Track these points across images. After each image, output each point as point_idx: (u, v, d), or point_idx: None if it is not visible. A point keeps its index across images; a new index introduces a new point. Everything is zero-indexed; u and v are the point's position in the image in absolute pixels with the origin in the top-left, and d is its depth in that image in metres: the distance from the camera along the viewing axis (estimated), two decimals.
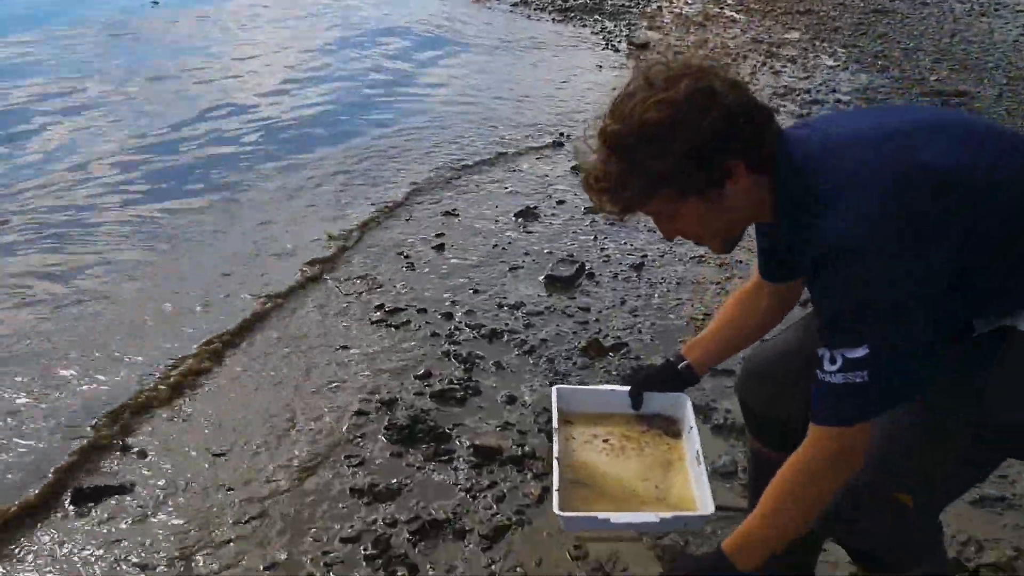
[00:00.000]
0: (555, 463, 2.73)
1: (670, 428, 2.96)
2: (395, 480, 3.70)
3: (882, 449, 2.04)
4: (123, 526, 3.47)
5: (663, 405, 2.98)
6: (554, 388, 3.04)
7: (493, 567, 3.20)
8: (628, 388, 2.95)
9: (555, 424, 2.89)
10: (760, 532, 2.11)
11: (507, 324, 5.07)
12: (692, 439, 2.81)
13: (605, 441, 2.94)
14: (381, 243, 6.32)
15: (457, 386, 4.38)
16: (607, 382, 4.40)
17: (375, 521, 3.46)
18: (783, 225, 2.11)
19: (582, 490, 2.74)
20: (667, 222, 2.12)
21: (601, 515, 2.55)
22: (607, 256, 6.01)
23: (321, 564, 3.25)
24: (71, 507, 3.55)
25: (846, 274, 1.86)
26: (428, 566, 3.23)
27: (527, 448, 3.84)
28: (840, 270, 1.87)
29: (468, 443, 3.92)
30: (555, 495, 2.59)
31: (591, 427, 2.99)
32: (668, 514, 2.55)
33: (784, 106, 8.92)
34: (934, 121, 2.10)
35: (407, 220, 6.75)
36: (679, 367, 2.80)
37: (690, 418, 2.87)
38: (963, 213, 1.86)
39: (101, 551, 3.34)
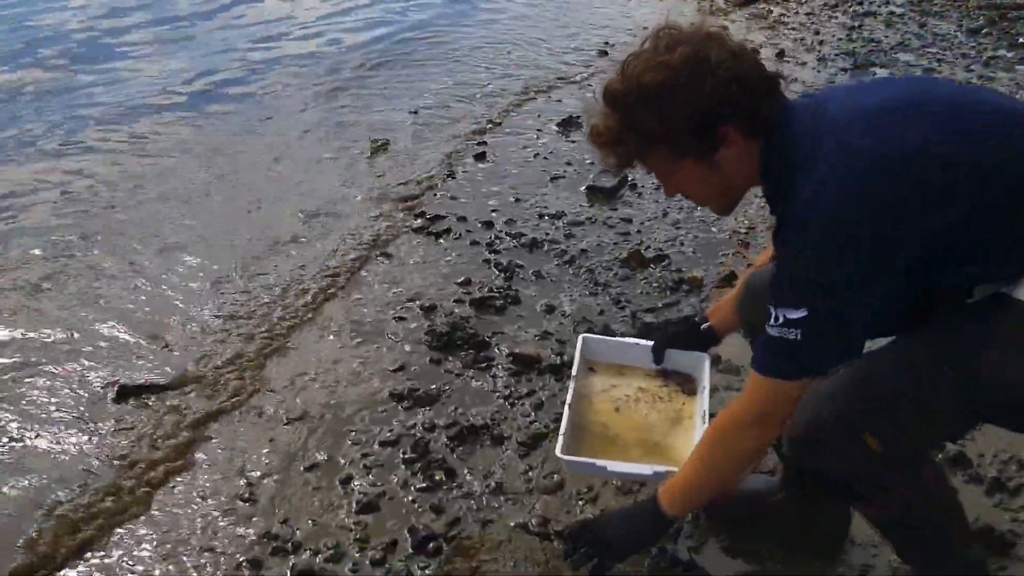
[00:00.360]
0: (566, 408, 2.82)
1: (687, 386, 3.04)
2: (434, 386, 3.71)
3: (859, 389, 2.11)
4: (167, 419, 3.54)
5: (683, 363, 3.07)
6: (581, 336, 3.15)
7: (530, 474, 3.22)
8: (651, 343, 3.05)
9: (574, 371, 3.00)
10: (691, 480, 2.31)
11: (547, 234, 5.04)
12: (703, 399, 2.88)
13: (620, 392, 3.03)
14: (422, 150, 6.28)
15: (497, 294, 4.38)
16: (647, 294, 4.38)
17: (414, 426, 3.48)
18: (766, 190, 2.16)
19: (588, 436, 2.84)
20: (666, 179, 2.21)
21: (599, 462, 2.62)
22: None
23: (360, 466, 3.28)
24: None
25: (805, 241, 1.93)
26: (465, 471, 3.25)
27: (566, 357, 3.82)
28: (801, 236, 1.95)
29: (507, 351, 3.93)
30: (560, 438, 2.69)
31: (611, 377, 3.09)
32: (662, 468, 2.60)
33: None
34: (939, 98, 2.09)
35: (449, 126, 6.69)
36: (701, 328, 2.92)
37: (706, 378, 2.95)
38: (936, 198, 1.89)
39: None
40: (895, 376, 2.11)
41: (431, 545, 2.89)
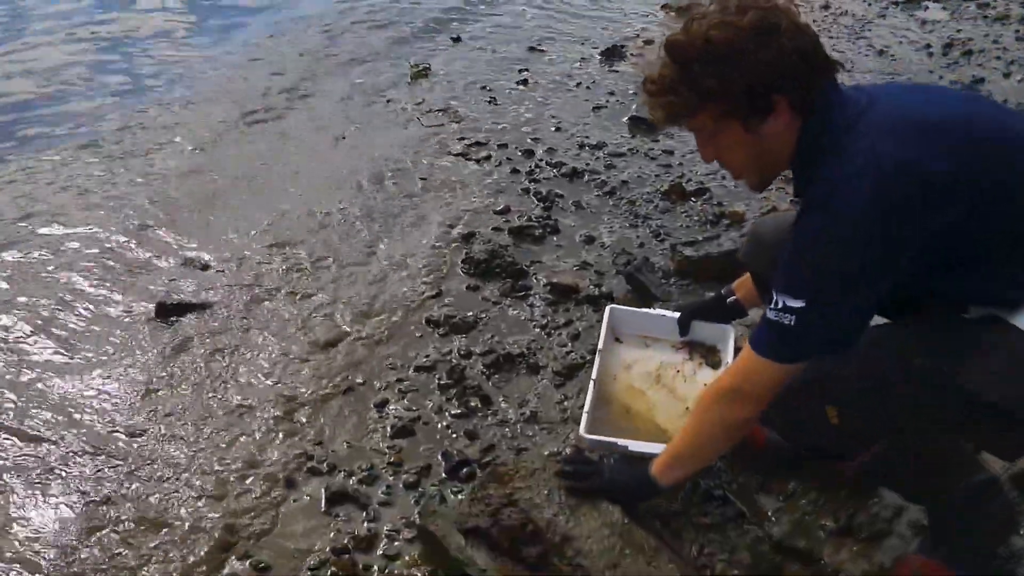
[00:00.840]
0: (591, 384, 2.87)
1: (711, 358, 3.09)
2: (471, 313, 3.71)
3: (835, 363, 2.12)
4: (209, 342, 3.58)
5: (708, 334, 3.13)
6: (608, 308, 3.21)
7: (565, 403, 3.22)
8: (678, 315, 3.12)
9: (600, 343, 3.06)
10: (678, 450, 2.37)
11: (588, 164, 4.99)
12: None
13: (645, 367, 3.09)
14: (463, 76, 6.23)
15: (536, 223, 4.35)
16: (687, 227, 4.34)
17: (450, 352, 3.49)
18: (795, 171, 2.16)
19: (611, 413, 2.90)
20: (707, 142, 2.20)
21: (621, 442, 2.63)
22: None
23: (396, 391, 3.30)
24: None
25: (815, 230, 1.99)
26: (500, 398, 3.26)
27: (604, 288, 3.81)
28: (812, 224, 2.00)
29: (545, 280, 3.91)
30: (584, 416, 2.73)
31: (636, 349, 3.16)
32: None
33: None
34: (985, 123, 2.07)
35: (492, 52, 6.62)
36: (728, 300, 2.98)
37: (730, 350, 2.99)
38: (954, 213, 1.91)
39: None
40: (873, 359, 2.13)
41: (464, 471, 2.91)
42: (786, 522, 2.69)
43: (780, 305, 2.02)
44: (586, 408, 2.78)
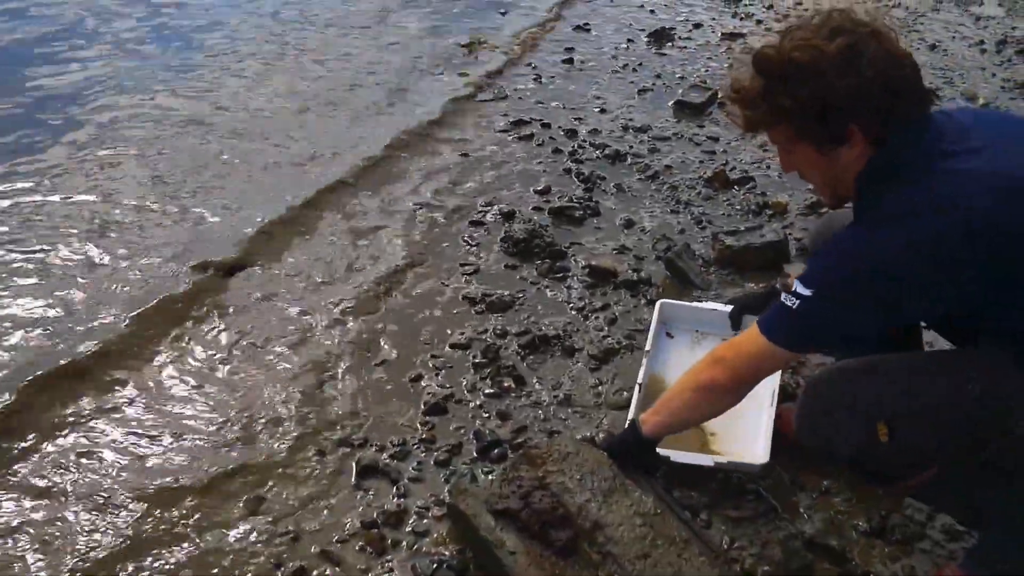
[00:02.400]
0: (636, 388, 2.91)
1: None
2: (508, 293, 3.70)
3: (895, 377, 2.13)
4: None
5: None
6: (659, 302, 3.25)
7: (599, 388, 3.20)
8: (729, 309, 3.08)
9: (649, 343, 3.11)
10: (663, 399, 2.43)
11: (631, 147, 4.96)
12: (774, 376, 2.86)
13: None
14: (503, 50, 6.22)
15: (576, 205, 4.33)
16: (728, 215, 4.30)
17: (486, 331, 3.48)
18: (855, 195, 2.13)
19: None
20: (785, 154, 2.22)
21: (664, 451, 2.62)
22: (736, 69, 5.77)
23: (430, 366, 3.29)
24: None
25: (858, 239, 2.01)
26: (535, 380, 3.25)
27: (643, 274, 3.79)
28: (859, 233, 2.02)
29: (583, 263, 3.89)
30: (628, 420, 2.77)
31: (685, 348, 3.21)
32: (723, 459, 2.73)
33: None
34: None
35: (539, 30, 6.58)
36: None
37: None
38: (1003, 271, 1.89)
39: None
40: (928, 378, 2.12)
41: (496, 451, 2.91)
42: (818, 519, 2.67)
43: (793, 289, 2.06)
44: (630, 414, 2.82)
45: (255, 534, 2.64)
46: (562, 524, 2.29)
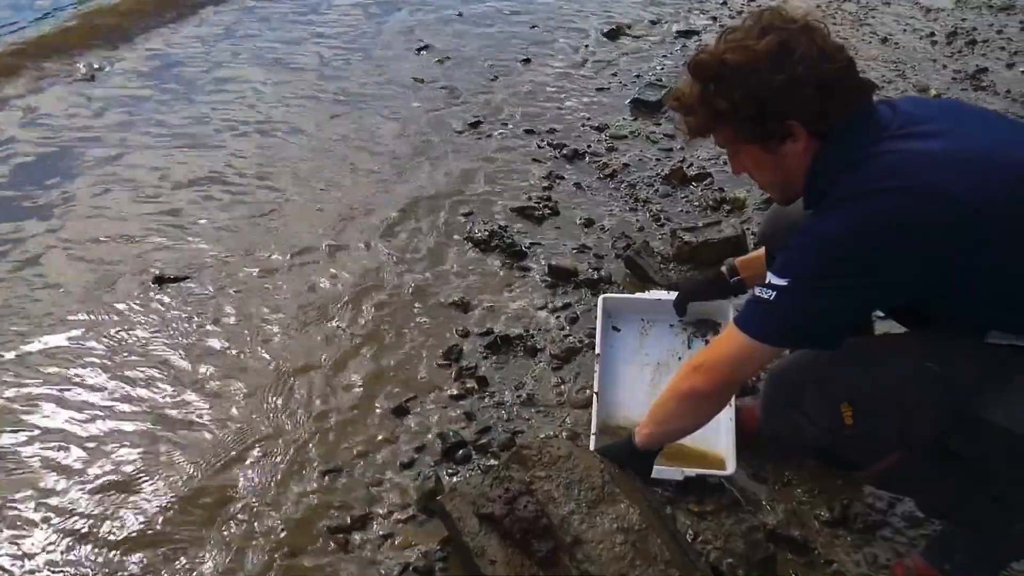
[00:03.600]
0: (595, 399, 2.91)
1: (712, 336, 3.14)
2: (470, 293, 3.71)
3: (853, 360, 2.12)
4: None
5: (706, 310, 3.17)
6: (600, 298, 3.24)
7: (562, 387, 3.22)
8: (674, 297, 3.14)
9: (598, 346, 3.10)
10: (651, 410, 2.40)
11: (589, 145, 4.97)
12: None
13: (648, 373, 3.12)
14: (463, 53, 6.20)
15: (536, 204, 4.34)
16: (687, 212, 4.33)
17: (448, 332, 3.49)
18: (807, 188, 2.15)
19: (619, 430, 2.90)
20: (732, 157, 2.25)
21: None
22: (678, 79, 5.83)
23: (393, 370, 3.31)
24: None
25: (828, 225, 1.98)
26: (498, 380, 3.26)
27: (603, 272, 3.81)
28: (828, 220, 1.99)
29: (544, 262, 3.90)
30: (592, 439, 2.81)
31: (633, 340, 3.22)
32: (692, 471, 2.74)
33: None
34: (995, 146, 2.04)
35: (495, 30, 6.59)
36: (732, 280, 2.97)
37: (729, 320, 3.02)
38: (966, 252, 1.91)
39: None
40: (892, 356, 2.14)
41: (460, 452, 2.92)
42: (781, 511, 2.71)
43: (767, 282, 2.05)
44: (592, 430, 2.83)
45: (223, 533, 2.66)
46: (544, 534, 2.25)
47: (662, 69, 6.01)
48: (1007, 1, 7.43)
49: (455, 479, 2.80)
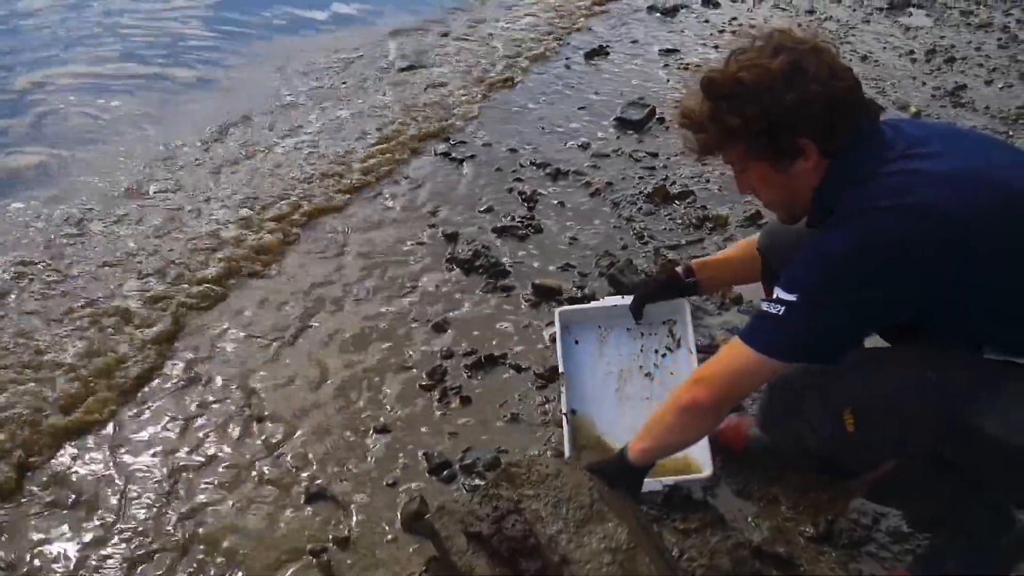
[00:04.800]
0: (564, 420, 2.88)
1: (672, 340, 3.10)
2: (453, 312, 3.71)
3: (854, 370, 2.12)
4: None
5: (662, 311, 3.10)
6: (556, 312, 3.16)
7: (546, 406, 3.21)
8: (630, 302, 3.05)
9: (560, 364, 3.02)
10: (647, 424, 2.38)
11: (573, 164, 4.99)
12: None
13: (612, 385, 3.06)
14: (449, 68, 6.23)
15: (519, 224, 4.35)
16: (670, 230, 4.34)
17: (432, 352, 3.49)
18: (814, 206, 2.16)
19: (595, 446, 2.89)
20: (740, 175, 2.26)
21: None
22: (684, 96, 5.83)
23: (376, 390, 3.30)
24: None
25: (834, 241, 1.99)
26: (483, 400, 3.26)
27: (587, 290, 3.81)
28: (834, 236, 2.00)
29: (527, 281, 3.91)
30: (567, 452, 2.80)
31: (593, 349, 3.14)
32: (670, 480, 2.74)
33: None
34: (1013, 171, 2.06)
35: (479, 46, 6.62)
36: (687, 281, 2.94)
37: (688, 322, 3.04)
38: (958, 268, 1.92)
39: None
40: (894, 365, 2.14)
41: (445, 472, 2.91)
42: (766, 528, 2.70)
43: (775, 297, 2.05)
44: (567, 452, 2.81)
45: (204, 558, 2.64)
46: (532, 554, 2.23)
47: (645, 87, 6.05)
48: (985, 19, 7.52)
49: (440, 498, 2.79)
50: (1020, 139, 5.40)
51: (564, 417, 2.88)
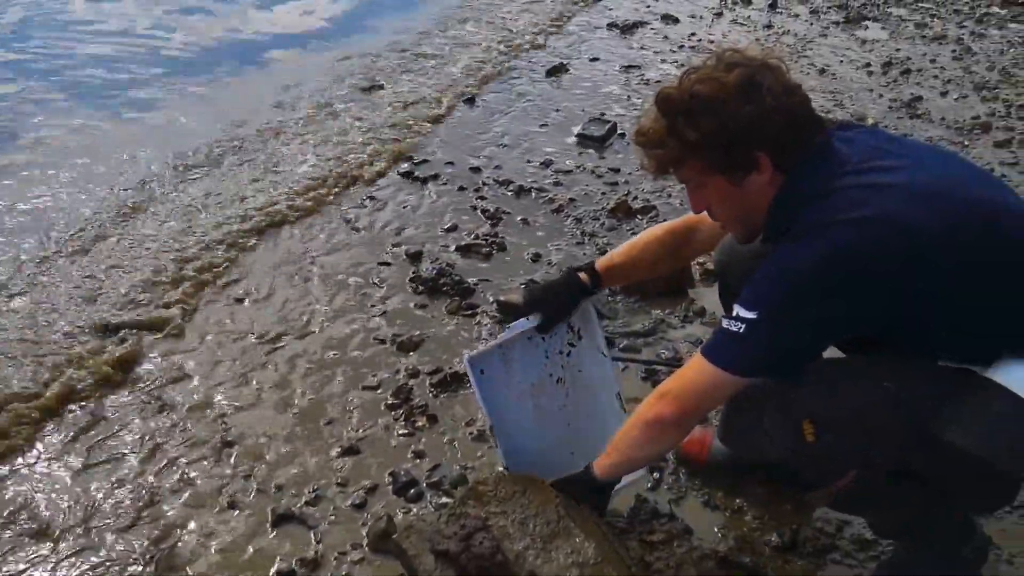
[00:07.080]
0: (490, 432, 2.75)
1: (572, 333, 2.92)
2: (418, 332, 3.71)
3: (812, 380, 2.14)
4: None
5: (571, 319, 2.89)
6: (466, 362, 2.74)
7: None
8: (536, 324, 2.79)
9: (488, 419, 2.72)
10: (614, 441, 2.39)
11: (535, 181, 5.02)
12: (612, 378, 2.91)
13: (524, 394, 2.82)
14: (409, 91, 6.25)
15: (483, 241, 4.36)
16: None
17: (397, 371, 3.48)
18: (769, 221, 2.16)
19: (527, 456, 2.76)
20: (695, 191, 2.24)
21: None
22: (640, 116, 5.88)
23: (342, 411, 3.29)
24: None
25: (794, 257, 2.00)
26: (448, 418, 3.26)
27: None
28: (794, 251, 2.00)
29: (492, 299, 3.92)
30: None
31: (505, 379, 2.78)
32: (617, 484, 2.59)
33: None
34: (969, 183, 2.10)
35: (436, 69, 6.64)
36: (590, 283, 2.78)
37: (593, 319, 2.90)
38: (920, 280, 1.94)
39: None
40: (853, 376, 2.16)
41: (412, 491, 2.91)
42: (732, 538, 2.72)
43: (735, 315, 2.06)
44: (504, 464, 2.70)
45: None
46: (500, 571, 2.23)
47: (606, 103, 6.10)
48: (939, 32, 7.64)
49: (408, 517, 2.78)
50: (975, 149, 5.49)
51: (489, 430, 2.73)
